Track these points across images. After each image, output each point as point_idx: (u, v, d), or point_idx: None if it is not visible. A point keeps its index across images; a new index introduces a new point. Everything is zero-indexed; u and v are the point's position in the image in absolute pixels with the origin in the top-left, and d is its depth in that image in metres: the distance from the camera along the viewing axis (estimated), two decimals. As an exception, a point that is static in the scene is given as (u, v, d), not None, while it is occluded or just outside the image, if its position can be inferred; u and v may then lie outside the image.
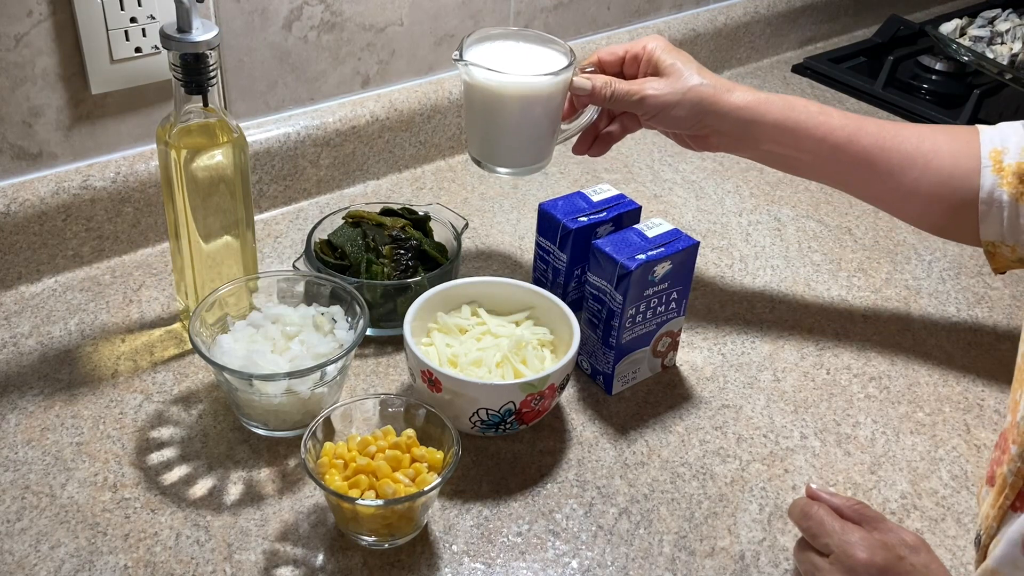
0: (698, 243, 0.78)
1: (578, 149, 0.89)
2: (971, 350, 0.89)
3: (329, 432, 0.69)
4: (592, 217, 0.80)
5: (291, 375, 0.71)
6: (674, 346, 0.83)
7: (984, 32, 1.38)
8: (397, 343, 0.85)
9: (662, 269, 0.76)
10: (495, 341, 0.77)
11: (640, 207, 0.83)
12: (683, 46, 1.31)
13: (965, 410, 0.82)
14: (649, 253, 0.75)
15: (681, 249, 0.77)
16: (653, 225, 0.78)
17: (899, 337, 0.90)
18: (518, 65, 0.81)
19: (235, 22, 0.93)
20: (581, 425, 0.78)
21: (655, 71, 0.84)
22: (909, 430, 0.80)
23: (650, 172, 1.15)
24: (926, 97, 1.36)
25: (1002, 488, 0.57)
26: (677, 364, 0.85)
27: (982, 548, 0.59)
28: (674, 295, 0.79)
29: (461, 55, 0.81)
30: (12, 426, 0.75)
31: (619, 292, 0.75)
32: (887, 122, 0.84)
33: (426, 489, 0.64)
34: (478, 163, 0.87)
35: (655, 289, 0.77)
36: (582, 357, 0.82)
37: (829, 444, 0.78)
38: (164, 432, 0.75)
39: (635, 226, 0.79)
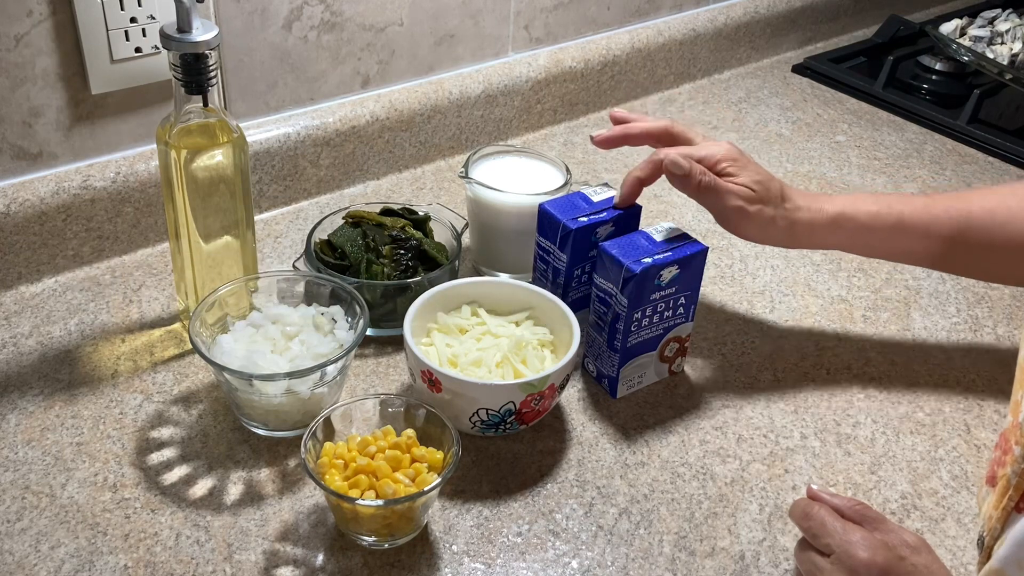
0: (707, 248, 0.78)
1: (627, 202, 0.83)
2: (971, 350, 0.89)
3: (329, 432, 0.69)
4: (592, 217, 0.80)
5: (291, 375, 0.71)
6: (682, 352, 0.83)
7: (984, 32, 1.38)
8: (397, 343, 0.85)
9: (669, 273, 0.76)
10: (495, 341, 0.77)
11: (640, 207, 0.83)
12: (683, 46, 1.32)
13: (965, 410, 0.82)
14: (656, 257, 0.75)
15: (689, 254, 0.76)
16: (662, 228, 0.78)
17: (899, 337, 0.90)
18: (517, 182, 0.91)
19: (235, 22, 0.93)
20: (581, 425, 0.78)
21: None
22: (909, 430, 0.80)
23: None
24: (926, 97, 1.36)
25: (1005, 489, 0.57)
26: (677, 364, 0.85)
27: (985, 549, 0.59)
28: (682, 300, 0.79)
29: (467, 173, 0.90)
30: (12, 426, 0.75)
31: (624, 295, 0.75)
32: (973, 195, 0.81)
33: (426, 489, 0.64)
34: (478, 271, 0.95)
35: (662, 293, 0.77)
36: (587, 359, 0.82)
37: (829, 444, 0.78)
38: (164, 432, 0.75)
39: (644, 229, 0.79)
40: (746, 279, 0.97)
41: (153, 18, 0.87)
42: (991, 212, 0.79)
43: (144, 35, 0.87)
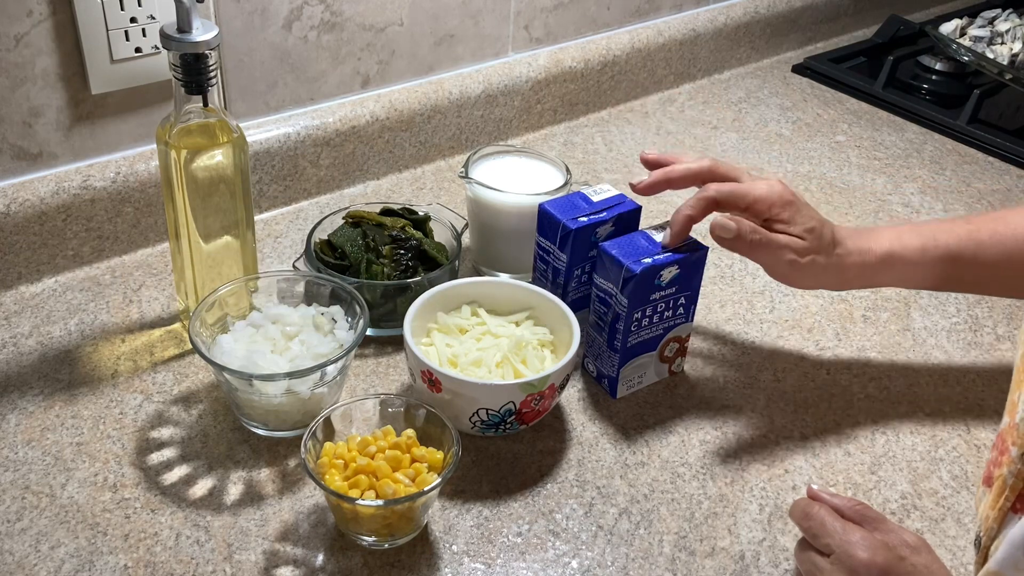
0: (708, 248, 0.78)
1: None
2: (971, 350, 0.89)
3: (329, 432, 0.69)
4: (592, 217, 0.80)
5: (291, 375, 0.71)
6: (682, 352, 0.83)
7: (984, 32, 1.38)
8: (397, 343, 0.85)
9: (669, 274, 0.76)
10: (495, 341, 0.77)
11: (640, 207, 0.83)
12: (683, 46, 1.32)
13: (965, 410, 0.82)
14: (656, 257, 0.75)
15: (689, 254, 0.76)
16: (662, 229, 0.78)
17: (899, 337, 0.90)
18: (517, 182, 0.91)
19: (235, 22, 0.93)
20: (581, 425, 0.78)
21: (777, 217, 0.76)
22: (909, 430, 0.80)
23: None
24: (926, 97, 1.36)
25: (1001, 490, 0.57)
26: (677, 364, 0.85)
27: (982, 550, 0.59)
28: (682, 300, 0.79)
29: (467, 173, 0.90)
30: (12, 426, 0.75)
31: (624, 295, 0.75)
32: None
33: (426, 489, 0.64)
34: (478, 271, 0.94)
35: (662, 294, 0.77)
36: (587, 359, 0.82)
37: (829, 444, 0.78)
38: (164, 432, 0.75)
39: (644, 229, 0.79)
40: (746, 279, 0.97)
41: (153, 18, 0.87)
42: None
43: (144, 35, 0.87)
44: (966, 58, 1.34)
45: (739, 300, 0.94)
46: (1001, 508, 0.57)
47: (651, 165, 0.81)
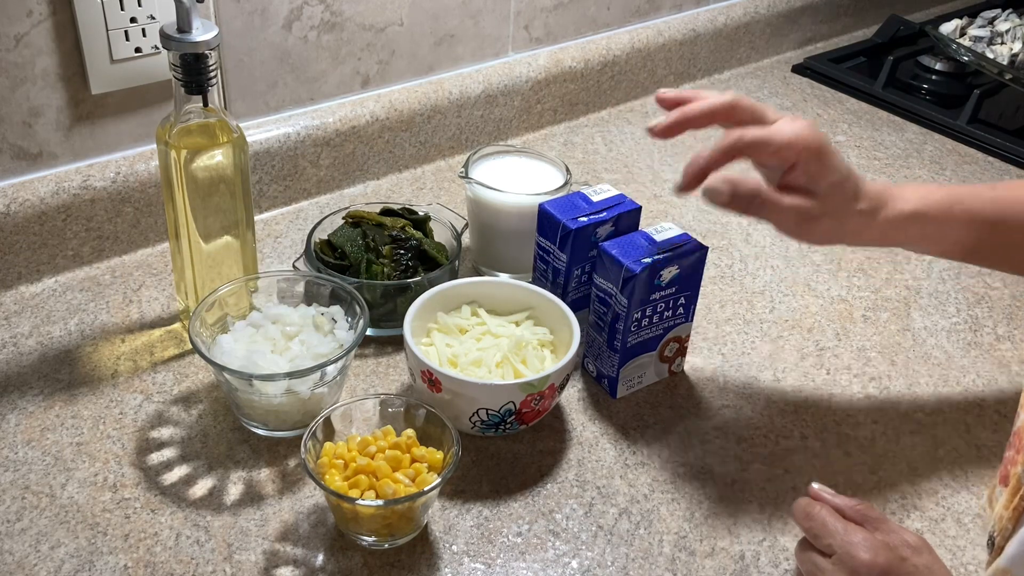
0: (707, 248, 0.78)
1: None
2: (971, 350, 0.89)
3: (329, 432, 0.69)
4: (592, 217, 0.80)
5: (291, 375, 0.71)
6: (682, 352, 0.83)
7: (984, 32, 1.38)
8: (397, 343, 0.85)
9: (669, 274, 0.76)
10: (495, 341, 0.77)
11: (640, 207, 0.83)
12: (683, 46, 1.32)
13: (965, 410, 0.82)
14: (656, 257, 0.75)
15: (689, 254, 0.76)
16: (662, 229, 0.78)
17: (899, 337, 0.90)
18: (517, 182, 0.91)
19: (235, 22, 0.93)
20: (581, 425, 0.78)
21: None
22: (909, 430, 0.80)
23: (650, 172, 1.15)
24: (926, 97, 1.36)
25: (1016, 488, 0.57)
26: (677, 364, 0.85)
27: (996, 548, 0.58)
28: (682, 300, 0.79)
29: (467, 173, 0.90)
30: (12, 426, 0.75)
31: (624, 295, 0.75)
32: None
33: (426, 489, 0.64)
34: (478, 271, 0.94)
35: (662, 293, 0.77)
36: (587, 359, 0.82)
37: (829, 444, 0.78)
38: (164, 432, 0.75)
39: (644, 229, 0.79)
40: (746, 279, 0.97)
41: (153, 18, 0.87)
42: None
43: (144, 35, 0.87)
44: (966, 58, 1.34)
45: (739, 300, 0.94)
46: (1016, 507, 0.57)
47: (669, 104, 0.73)
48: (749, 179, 0.68)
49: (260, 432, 0.75)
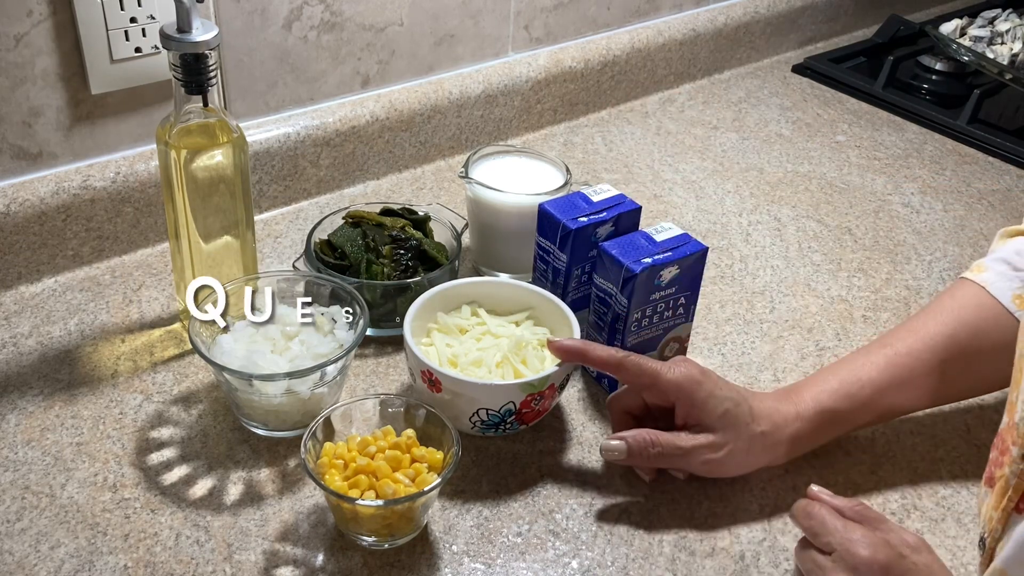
0: (707, 248, 0.78)
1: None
2: (971, 350, 0.89)
3: (329, 432, 0.69)
4: (592, 217, 0.80)
5: (291, 375, 0.71)
6: (682, 352, 0.83)
7: (984, 32, 1.38)
8: (397, 343, 0.85)
9: (669, 274, 0.76)
10: (495, 341, 0.77)
11: (640, 207, 0.83)
12: (683, 46, 1.32)
13: (965, 410, 0.82)
14: (656, 257, 0.75)
15: (689, 254, 0.76)
16: (662, 229, 0.78)
17: (899, 337, 0.90)
18: (517, 182, 0.91)
19: (235, 22, 0.93)
20: (581, 425, 0.78)
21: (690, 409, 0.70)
22: (909, 430, 0.80)
23: (650, 172, 1.15)
24: (926, 97, 1.36)
25: (1004, 490, 0.57)
26: (677, 364, 0.85)
27: (987, 550, 0.59)
28: (682, 300, 0.79)
29: (467, 173, 0.90)
30: (12, 426, 0.75)
31: (624, 295, 0.75)
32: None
33: (426, 489, 0.64)
34: (478, 271, 0.94)
35: (662, 294, 0.77)
36: (587, 359, 0.82)
37: (829, 444, 0.78)
38: (164, 432, 0.75)
39: (644, 229, 0.79)
40: (746, 279, 0.97)
41: (153, 18, 0.87)
42: (967, 325, 0.74)
43: (144, 35, 0.87)
44: (966, 58, 1.34)
45: (739, 300, 0.94)
46: (1004, 509, 0.57)
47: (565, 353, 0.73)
48: (642, 430, 0.70)
49: (260, 432, 0.75)
